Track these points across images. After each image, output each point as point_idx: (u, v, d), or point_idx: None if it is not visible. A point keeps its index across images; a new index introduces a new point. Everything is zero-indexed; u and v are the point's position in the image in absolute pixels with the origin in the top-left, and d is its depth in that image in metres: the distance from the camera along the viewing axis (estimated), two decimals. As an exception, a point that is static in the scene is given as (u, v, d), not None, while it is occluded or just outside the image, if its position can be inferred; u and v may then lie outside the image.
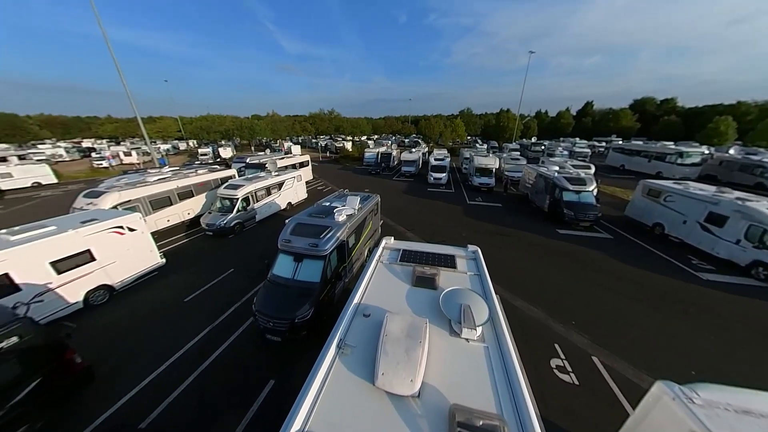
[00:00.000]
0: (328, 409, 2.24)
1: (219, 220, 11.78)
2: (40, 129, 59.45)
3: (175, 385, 5.10)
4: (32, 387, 4.02)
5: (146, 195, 11.38)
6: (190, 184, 13.40)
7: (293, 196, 16.40)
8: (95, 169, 29.88)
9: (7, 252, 5.86)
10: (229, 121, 51.84)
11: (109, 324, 6.69)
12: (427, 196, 18.93)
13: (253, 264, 9.29)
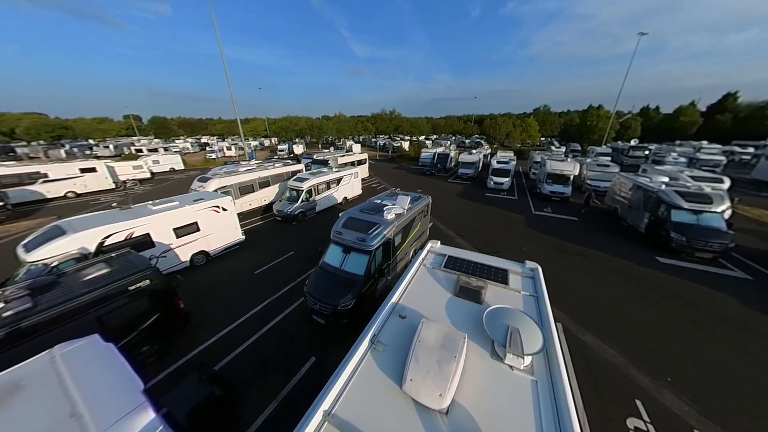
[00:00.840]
0: (354, 399, 2.31)
1: (287, 207, 13.52)
2: (177, 128, 79.32)
3: (241, 341, 6.12)
4: (153, 319, 5.44)
5: (237, 182, 13.93)
6: (268, 176, 15.77)
7: (349, 191, 17.50)
8: (207, 160, 38.14)
9: (150, 217, 8.05)
10: (303, 121, 58.65)
11: (202, 282, 8.48)
12: (485, 201, 17.50)
13: (309, 249, 10.33)
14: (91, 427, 2.30)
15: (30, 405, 2.51)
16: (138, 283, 5.27)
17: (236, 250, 10.55)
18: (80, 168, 19.14)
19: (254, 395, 4.92)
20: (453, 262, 4.37)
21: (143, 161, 25.19)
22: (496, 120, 51.41)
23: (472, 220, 14.02)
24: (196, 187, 13.01)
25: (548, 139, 58.89)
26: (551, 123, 64.53)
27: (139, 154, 32.91)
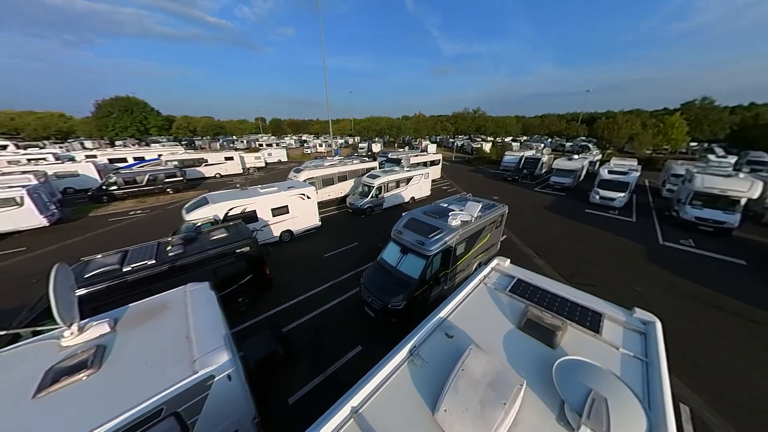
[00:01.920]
0: (382, 407, 2.23)
1: (358, 201, 14.61)
2: (287, 127, 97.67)
3: (305, 313, 7.02)
4: (247, 279, 6.87)
5: (321, 175, 15.98)
6: (347, 171, 17.42)
7: (417, 191, 17.39)
8: (304, 154, 45.46)
9: (258, 198, 10.19)
10: (384, 121, 61.81)
11: (284, 256, 10.16)
12: (583, 219, 14.11)
13: (371, 243, 10.85)
14: (195, 351, 3.07)
15: (169, 321, 3.56)
16: (242, 248, 6.75)
17: (313, 234, 12.15)
18: (225, 156, 26.16)
19: (304, 365, 5.55)
20: (523, 287, 3.66)
21: (261, 153, 32.24)
22: (615, 119, 40.22)
23: (560, 240, 11.54)
24: (291, 176, 15.67)
25: (706, 144, 42.20)
26: (714, 122, 45.29)
27: (260, 148, 42.27)
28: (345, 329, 6.52)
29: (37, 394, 2.54)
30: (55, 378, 2.66)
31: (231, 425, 3.22)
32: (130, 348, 3.12)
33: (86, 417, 2.37)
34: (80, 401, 2.52)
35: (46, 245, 11.14)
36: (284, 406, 4.71)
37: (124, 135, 47.56)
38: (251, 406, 3.45)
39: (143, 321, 3.54)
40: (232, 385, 3.11)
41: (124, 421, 2.41)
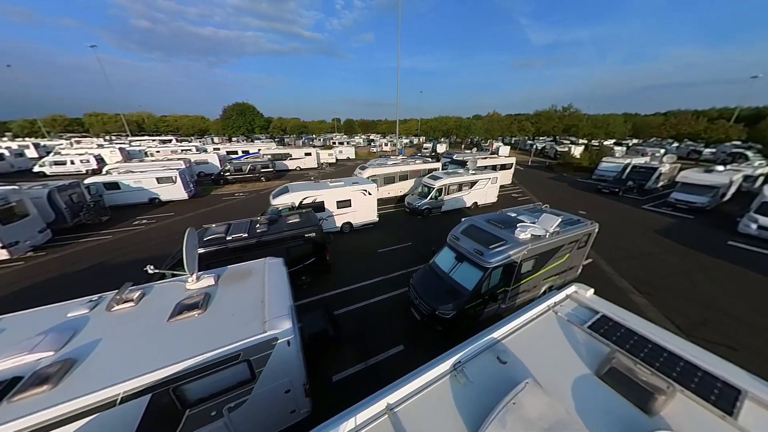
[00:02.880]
0: (417, 411, 2.19)
1: (416, 201, 14.54)
2: (358, 127, 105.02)
3: (354, 302, 7.48)
4: (311, 261, 7.77)
5: (383, 173, 16.58)
6: (408, 170, 17.55)
7: (481, 197, 16.09)
8: (370, 153, 48.02)
9: (326, 190, 11.35)
10: (453, 121, 59.27)
11: (343, 246, 11.02)
12: (723, 253, 10.32)
13: (425, 245, 10.66)
14: (266, 314, 3.68)
15: (251, 285, 4.37)
16: (310, 233, 7.67)
17: (369, 229, 12.76)
18: (304, 152, 30.09)
19: (349, 350, 5.91)
20: (610, 326, 2.95)
21: (333, 151, 35.69)
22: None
23: (678, 278, 8.76)
24: (356, 173, 16.80)
25: None
26: None
27: (332, 146, 46.89)
28: (390, 326, 6.64)
29: (170, 319, 3.52)
30: (180, 310, 3.63)
31: (285, 384, 3.73)
32: (224, 300, 3.98)
33: (194, 345, 3.15)
34: (192, 332, 3.37)
35: (185, 213, 15.23)
36: (328, 381, 5.16)
37: (237, 133, 60.27)
38: (303, 372, 3.91)
39: (234, 281, 4.44)
40: (290, 350, 3.59)
41: (216, 356, 3.09)
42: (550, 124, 53.26)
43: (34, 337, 3.12)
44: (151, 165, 19.20)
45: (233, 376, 3.31)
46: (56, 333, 3.18)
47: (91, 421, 2.61)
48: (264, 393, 3.56)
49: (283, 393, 3.76)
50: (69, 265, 9.52)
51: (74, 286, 8.10)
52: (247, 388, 3.44)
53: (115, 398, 2.67)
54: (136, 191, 16.01)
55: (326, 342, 5.51)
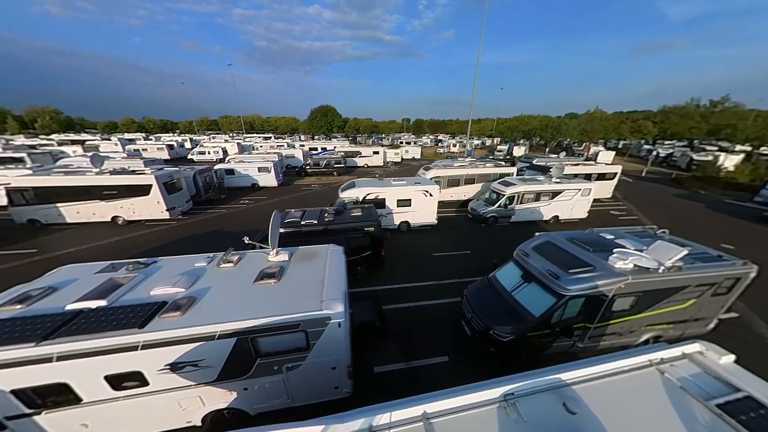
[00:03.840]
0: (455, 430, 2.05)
1: (481, 208, 13.44)
2: (427, 127, 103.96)
3: (403, 301, 7.53)
4: (366, 254, 8.21)
5: (448, 175, 15.94)
6: (475, 173, 16.35)
7: (566, 210, 13.57)
8: (436, 153, 46.94)
9: (388, 188, 11.72)
10: (537, 120, 51.73)
11: (398, 244, 11.18)
12: None
13: (486, 256, 9.77)
14: (324, 294, 4.10)
15: (315, 266, 4.94)
16: (369, 228, 8.10)
17: (427, 230, 12.53)
18: (373, 151, 31.79)
19: (393, 347, 5.98)
20: (760, 415, 2.05)
21: (399, 150, 36.43)
22: None
23: None
24: (420, 173, 16.71)
25: None
26: None
27: (399, 145, 47.91)
28: (437, 333, 6.41)
29: (254, 282, 4.34)
30: (262, 277, 4.42)
31: (332, 361, 4.09)
32: (294, 275, 4.62)
33: (269, 307, 3.79)
34: (268, 296, 4.06)
35: (274, 197, 18.39)
36: (369, 370, 5.38)
37: (319, 132, 68.57)
38: (348, 355, 4.20)
39: (302, 260, 5.11)
40: (340, 331, 3.90)
41: (283, 321, 3.65)
42: (686, 124, 40.23)
43: (176, 275, 4.36)
44: (255, 157, 23.89)
45: (293, 342, 3.84)
46: (187, 276, 4.37)
47: (198, 347, 3.49)
48: (314, 364, 4.00)
49: (330, 369, 4.14)
50: (200, 227, 12.87)
51: (202, 243, 10.91)
52: (302, 355, 3.93)
53: (214, 334, 3.49)
54: (244, 177, 20.25)
55: (372, 333, 5.76)
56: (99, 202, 12.43)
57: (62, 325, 3.34)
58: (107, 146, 32.79)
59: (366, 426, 2.11)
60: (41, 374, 3.19)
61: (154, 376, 3.51)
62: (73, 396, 3.39)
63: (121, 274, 4.45)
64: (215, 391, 3.85)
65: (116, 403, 3.56)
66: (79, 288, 4.05)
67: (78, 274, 4.49)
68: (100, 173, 12.73)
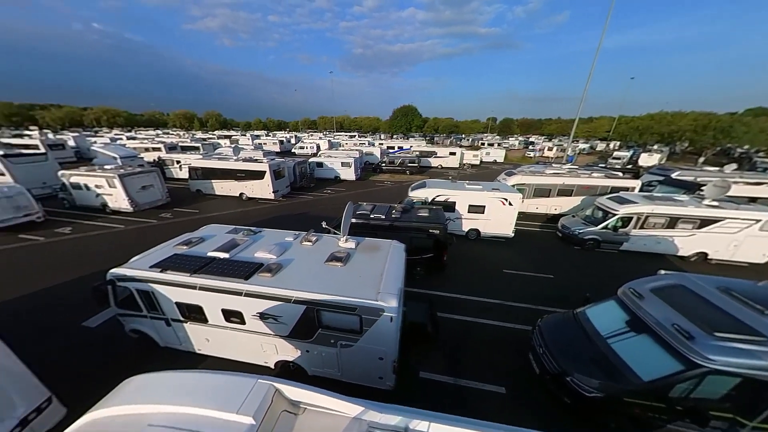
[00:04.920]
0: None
1: (576, 227, 11.01)
2: (516, 127, 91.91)
3: (460, 312, 7.04)
4: (428, 256, 8.05)
5: (535, 183, 13.72)
6: (575, 184, 13.45)
7: (723, 247, 9.54)
8: (524, 157, 41.09)
9: (461, 191, 11.06)
10: (689, 119, 37.77)
11: (465, 251, 10.46)
12: None
13: (575, 286, 8.01)
14: (380, 286, 4.28)
15: (376, 258, 5.20)
16: (434, 230, 7.91)
17: (500, 243, 11.22)
18: (449, 152, 30.59)
19: (442, 357, 5.69)
20: None
21: (479, 152, 33.71)
22: None
23: None
24: (500, 178, 15.03)
25: None
26: None
27: (480, 147, 44.26)
28: (495, 358, 5.72)
29: (325, 262, 4.95)
30: (332, 258, 4.99)
31: (380, 351, 4.25)
32: (357, 263, 5.01)
33: (334, 286, 4.26)
34: (334, 276, 4.56)
35: (350, 190, 20.32)
36: (415, 372, 5.31)
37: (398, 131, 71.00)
38: (396, 350, 4.28)
39: (366, 251, 5.47)
40: (391, 325, 4.01)
41: (343, 302, 4.03)
42: None
43: (272, 245, 5.45)
44: (340, 153, 26.90)
45: (348, 323, 4.20)
46: (279, 246, 5.39)
47: (278, 305, 4.27)
48: (364, 349, 4.27)
49: (377, 358, 4.32)
50: (292, 209, 15.61)
51: (292, 222, 13.22)
52: (354, 337, 4.26)
53: (291, 298, 4.19)
54: (330, 170, 23.16)
55: (423, 336, 5.65)
56: (233, 181, 16.76)
57: (204, 266, 4.73)
58: (243, 141, 43.66)
59: (403, 425, 2.11)
60: (189, 296, 4.61)
61: (249, 318, 4.54)
62: (203, 316, 4.77)
63: (239, 236, 5.90)
64: (286, 345, 4.65)
65: (225, 331, 4.79)
66: (215, 242, 5.61)
67: (216, 232, 6.23)
68: (237, 160, 17.11)
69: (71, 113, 75.18)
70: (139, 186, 13.93)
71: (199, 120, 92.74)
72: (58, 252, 9.95)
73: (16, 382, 3.60)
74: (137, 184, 13.87)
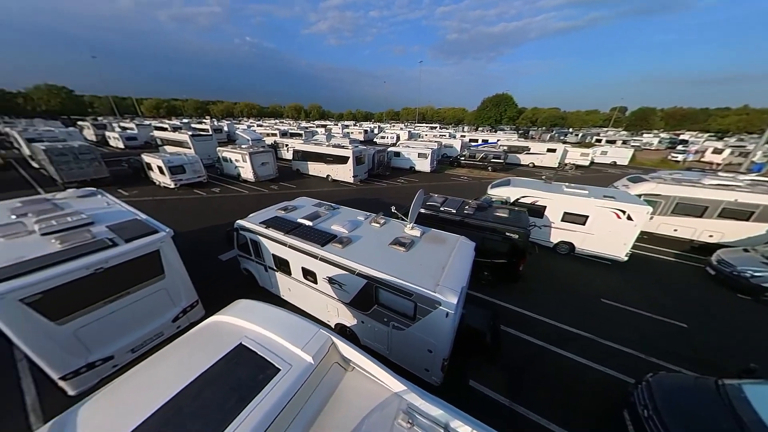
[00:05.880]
0: None
1: (751, 266, 7.49)
2: (659, 120, 67.99)
3: (528, 332, 6.05)
4: (502, 262, 7.17)
5: (680, 196, 9.96)
6: (760, 204, 9.00)
7: None
8: (665, 161, 30.31)
9: (555, 195, 9.19)
10: None
11: (549, 266, 8.79)
12: None
13: (725, 348, 5.59)
14: (441, 279, 4.11)
15: (440, 250, 4.99)
16: (513, 234, 6.93)
17: (602, 265, 8.87)
18: (547, 148, 25.69)
19: (500, 375, 5.07)
20: None
21: (591, 151, 26.86)
22: None
23: None
24: (619, 184, 11.67)
25: None
26: None
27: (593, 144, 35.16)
28: (570, 399, 4.70)
29: (389, 244, 5.12)
30: (395, 242, 5.10)
31: (430, 344, 4.16)
32: (420, 251, 4.96)
33: (394, 269, 4.37)
34: (396, 260, 4.66)
35: (424, 181, 20.09)
36: (464, 378, 4.96)
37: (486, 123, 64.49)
38: (447, 348, 4.10)
39: (431, 241, 5.33)
40: (446, 321, 3.84)
41: (400, 285, 4.10)
42: None
43: (345, 221, 6.03)
44: (418, 144, 26.72)
45: (403, 306, 4.26)
46: (351, 223, 5.91)
47: (344, 274, 4.74)
48: (414, 336, 4.26)
49: (426, 350, 4.25)
50: (366, 193, 16.78)
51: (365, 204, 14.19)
52: (407, 322, 4.30)
53: (355, 270, 4.57)
54: (406, 160, 23.47)
55: (480, 345, 5.18)
56: (323, 164, 19.28)
57: (293, 228, 5.71)
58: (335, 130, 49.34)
59: (443, 420, 2.02)
60: (281, 251, 5.69)
61: (320, 279, 5.24)
62: (289, 269, 5.81)
63: (322, 210, 6.80)
64: (346, 311, 5.16)
65: (302, 286, 5.72)
66: (304, 211, 6.65)
67: (305, 203, 7.37)
68: (328, 146, 19.53)
69: (228, 107, 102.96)
70: (260, 162, 17.91)
71: (304, 111, 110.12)
72: (211, 204, 14.07)
73: (184, 283, 5.38)
74: (259, 160, 17.85)
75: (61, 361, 3.95)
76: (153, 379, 2.27)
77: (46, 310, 3.74)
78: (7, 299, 3.43)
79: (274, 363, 2.28)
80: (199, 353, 2.47)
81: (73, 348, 4.06)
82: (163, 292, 5.04)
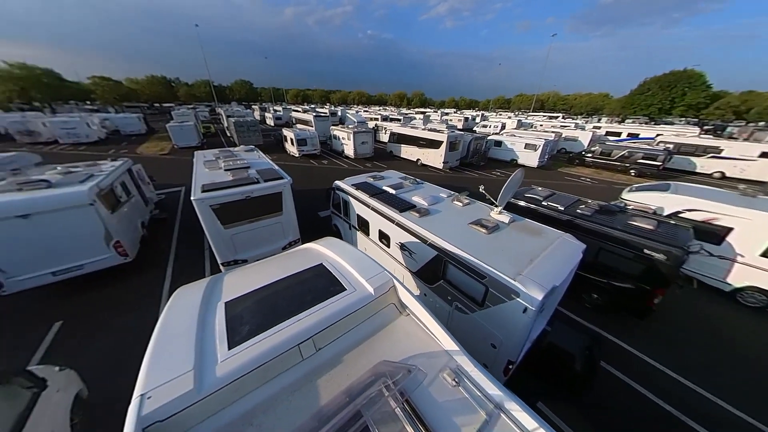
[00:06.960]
0: None
1: None
2: None
3: (644, 382, 4.37)
4: (626, 286, 5.35)
5: None
6: None
7: None
8: None
9: (756, 213, 5.88)
10: None
11: (717, 313, 5.91)
12: None
13: None
14: (526, 270, 3.46)
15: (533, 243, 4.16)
16: (657, 253, 4.97)
17: None
18: (760, 152, 16.38)
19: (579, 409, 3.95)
20: None
21: None
22: None
23: None
24: None
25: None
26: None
27: None
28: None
29: (469, 224, 4.71)
30: (477, 223, 4.64)
31: (495, 338, 3.67)
32: (505, 238, 4.33)
33: (469, 246, 4.02)
34: (473, 239, 4.26)
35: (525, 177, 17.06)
36: (531, 394, 4.16)
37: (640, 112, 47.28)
38: (517, 350, 3.52)
39: (521, 231, 4.54)
40: (522, 317, 3.26)
41: (473, 262, 3.74)
42: None
43: (427, 195, 5.96)
44: (527, 134, 22.62)
45: (472, 289, 3.90)
46: (432, 198, 5.78)
47: (416, 243, 4.74)
48: (478, 324, 3.86)
49: (489, 343, 3.78)
50: (455, 181, 15.91)
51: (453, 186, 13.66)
52: (473, 307, 3.93)
53: (427, 240, 4.49)
54: (508, 151, 20.54)
55: (565, 370, 4.17)
56: (415, 147, 19.46)
57: (377, 193, 6.13)
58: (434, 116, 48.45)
59: (497, 398, 1.76)
60: (364, 212, 6.25)
61: (393, 244, 5.48)
62: (368, 230, 6.36)
63: (406, 182, 6.96)
64: (411, 280, 5.23)
65: (376, 248, 6.15)
66: (390, 181, 7.01)
67: (392, 175, 7.74)
68: (423, 129, 19.46)
69: (344, 95, 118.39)
70: (360, 141, 19.94)
71: (407, 99, 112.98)
72: (321, 172, 16.98)
73: (293, 222, 6.82)
74: (359, 140, 19.88)
75: (223, 253, 5.90)
76: (263, 270, 3.07)
77: (220, 216, 5.61)
78: (205, 203, 5.35)
79: (342, 283, 2.62)
80: (293, 263, 3.12)
81: (229, 246, 5.96)
82: (280, 225, 6.57)
